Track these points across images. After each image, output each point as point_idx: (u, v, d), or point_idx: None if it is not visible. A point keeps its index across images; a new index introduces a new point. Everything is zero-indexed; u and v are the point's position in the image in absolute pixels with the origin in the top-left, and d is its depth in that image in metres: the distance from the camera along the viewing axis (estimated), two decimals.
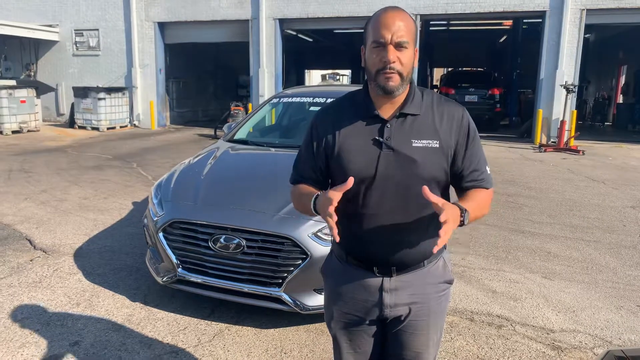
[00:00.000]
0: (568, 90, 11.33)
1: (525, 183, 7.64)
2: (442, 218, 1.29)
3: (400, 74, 1.42)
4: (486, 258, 4.38)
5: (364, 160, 1.48)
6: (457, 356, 2.81)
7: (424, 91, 1.55)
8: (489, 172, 1.58)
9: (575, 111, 12.36)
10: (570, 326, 3.18)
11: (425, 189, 1.34)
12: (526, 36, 17.11)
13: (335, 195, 1.36)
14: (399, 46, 1.40)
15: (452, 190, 1.61)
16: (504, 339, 3.01)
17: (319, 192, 1.49)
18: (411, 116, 1.49)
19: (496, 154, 10.43)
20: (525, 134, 13.70)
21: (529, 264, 4.27)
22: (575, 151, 10.90)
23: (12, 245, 4.47)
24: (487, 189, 1.56)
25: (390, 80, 1.42)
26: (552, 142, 12.11)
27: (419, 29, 13.14)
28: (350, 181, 1.37)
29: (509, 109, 17.42)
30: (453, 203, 1.41)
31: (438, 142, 1.47)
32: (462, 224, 1.38)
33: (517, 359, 2.79)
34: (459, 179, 1.55)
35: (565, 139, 11.38)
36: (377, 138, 1.48)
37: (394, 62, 1.40)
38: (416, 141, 1.47)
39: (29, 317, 3.16)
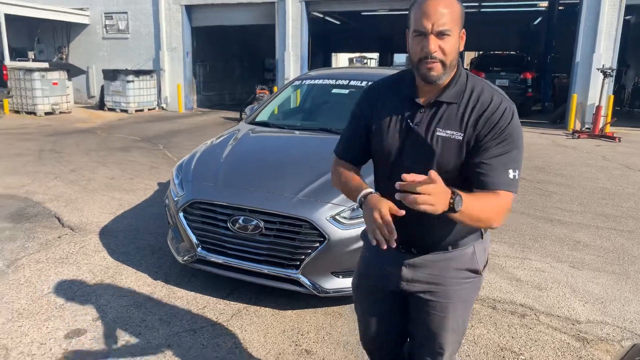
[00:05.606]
0: (605, 75, 10.84)
1: (556, 170, 7.39)
2: (407, 177, 1.16)
3: (442, 63, 1.38)
4: (512, 245, 4.26)
5: (392, 143, 1.49)
6: (477, 344, 2.75)
7: (475, 81, 1.46)
8: (512, 176, 1.36)
9: (612, 96, 11.82)
10: (597, 317, 3.07)
11: (406, 176, 1.18)
12: (562, 18, 16.41)
13: (386, 209, 1.32)
14: (440, 34, 1.36)
15: None
16: (527, 328, 2.93)
17: (371, 191, 1.43)
18: (446, 104, 1.44)
19: (527, 140, 10.03)
20: (558, 119, 13.23)
21: (556, 252, 4.13)
22: (611, 138, 10.46)
23: (42, 222, 4.60)
24: (493, 190, 1.35)
25: (432, 70, 1.39)
26: (587, 128, 11.67)
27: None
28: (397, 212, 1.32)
29: (542, 94, 16.83)
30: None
31: (462, 135, 1.41)
32: (451, 207, 1.20)
33: (540, 349, 2.71)
34: (468, 175, 1.40)
35: (600, 125, 10.95)
36: (408, 122, 1.47)
37: (435, 52, 1.36)
38: (441, 130, 1.43)
39: (54, 291, 3.25)
